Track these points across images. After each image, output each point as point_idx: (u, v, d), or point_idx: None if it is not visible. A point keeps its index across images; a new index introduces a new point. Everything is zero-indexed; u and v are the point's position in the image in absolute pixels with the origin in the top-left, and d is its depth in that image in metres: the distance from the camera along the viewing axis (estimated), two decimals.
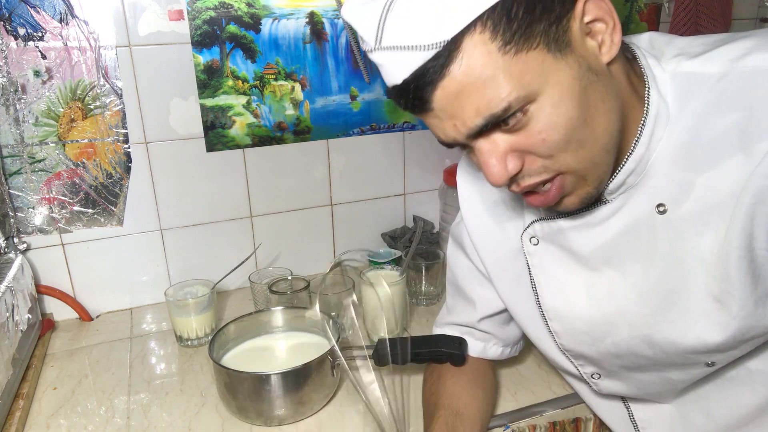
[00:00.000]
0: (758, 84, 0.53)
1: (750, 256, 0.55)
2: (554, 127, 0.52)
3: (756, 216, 0.53)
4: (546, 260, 0.71)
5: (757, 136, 0.52)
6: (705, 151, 0.56)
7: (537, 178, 0.57)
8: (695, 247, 0.58)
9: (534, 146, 0.54)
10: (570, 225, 0.67)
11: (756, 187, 0.52)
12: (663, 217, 0.60)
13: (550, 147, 0.54)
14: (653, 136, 0.59)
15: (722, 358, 0.63)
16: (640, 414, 0.78)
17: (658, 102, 0.59)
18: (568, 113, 0.52)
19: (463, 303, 0.86)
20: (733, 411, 0.69)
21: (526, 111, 0.52)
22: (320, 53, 1.24)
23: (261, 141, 1.25)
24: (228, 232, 1.29)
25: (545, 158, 0.55)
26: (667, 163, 0.59)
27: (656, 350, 0.65)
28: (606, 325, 0.68)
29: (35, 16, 1.04)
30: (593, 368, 0.75)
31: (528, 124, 0.53)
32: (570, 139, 0.53)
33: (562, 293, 0.71)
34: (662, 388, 0.71)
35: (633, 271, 0.64)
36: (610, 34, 0.54)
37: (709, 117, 0.56)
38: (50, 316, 1.20)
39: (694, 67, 0.58)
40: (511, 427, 0.88)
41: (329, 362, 0.88)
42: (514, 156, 0.55)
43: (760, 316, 0.57)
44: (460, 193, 0.81)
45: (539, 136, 0.53)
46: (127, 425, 0.88)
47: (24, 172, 1.11)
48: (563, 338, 0.73)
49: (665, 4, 1.54)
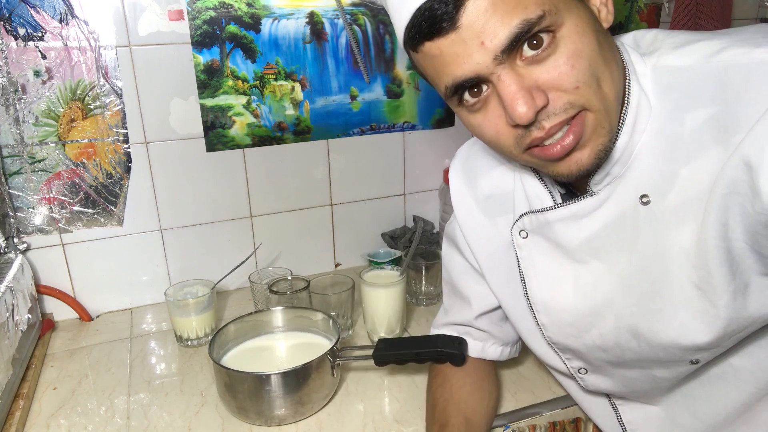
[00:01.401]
0: (732, 79, 0.54)
1: (726, 246, 0.56)
2: (580, 54, 0.53)
3: (729, 207, 0.54)
4: (535, 253, 0.72)
5: (733, 129, 0.53)
6: (686, 144, 0.57)
7: (563, 115, 0.55)
8: (677, 237, 0.59)
9: (561, 76, 0.53)
10: (558, 217, 0.68)
11: (728, 178, 0.53)
12: (646, 208, 0.61)
13: (578, 76, 0.53)
14: (635, 128, 0.60)
15: (706, 356, 0.64)
16: (628, 416, 0.78)
17: (639, 94, 0.60)
18: (591, 43, 0.54)
19: (459, 302, 0.87)
20: (720, 409, 0.69)
21: (554, 34, 0.52)
22: (320, 53, 1.24)
23: (261, 141, 1.25)
24: (228, 232, 1.29)
25: (570, 92, 0.54)
26: (650, 155, 0.60)
27: (641, 342, 0.65)
28: (592, 316, 0.69)
29: (35, 16, 1.04)
30: (580, 362, 0.75)
31: (557, 49, 0.53)
32: (593, 71, 0.54)
33: (549, 285, 0.72)
34: (647, 385, 0.72)
35: (618, 262, 0.65)
36: (605, 3, 0.57)
37: (689, 110, 0.57)
38: (50, 316, 1.20)
39: (671, 60, 0.59)
40: (511, 427, 0.88)
41: (329, 362, 0.88)
42: (540, 92, 0.54)
43: (740, 307, 0.58)
44: (452, 189, 0.82)
45: (568, 63, 0.53)
46: (127, 425, 0.88)
47: (24, 172, 1.11)
48: (550, 331, 0.74)
49: (665, 4, 1.55)
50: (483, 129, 0.59)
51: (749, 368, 0.66)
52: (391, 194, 1.42)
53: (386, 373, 0.98)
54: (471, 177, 0.80)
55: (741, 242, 0.55)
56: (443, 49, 0.54)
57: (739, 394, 0.67)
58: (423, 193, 1.45)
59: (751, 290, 0.58)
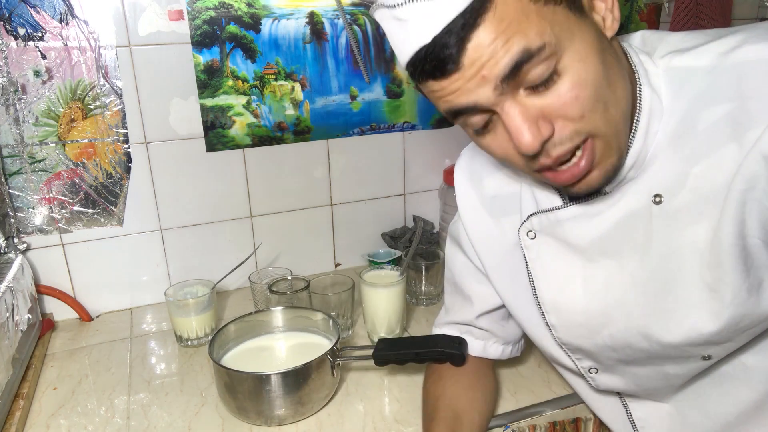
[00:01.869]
0: (748, 74, 0.54)
1: (742, 243, 0.55)
2: (584, 83, 0.52)
3: (747, 203, 0.54)
4: (543, 253, 0.72)
5: (748, 125, 0.53)
6: (699, 142, 0.57)
7: (569, 144, 0.55)
8: (690, 236, 0.59)
9: (565, 106, 0.53)
10: (568, 216, 0.68)
11: (747, 174, 0.53)
12: (659, 208, 0.61)
13: (582, 105, 0.53)
14: (649, 130, 0.60)
15: (718, 351, 0.64)
16: (639, 413, 0.78)
17: (651, 97, 0.60)
18: (595, 68, 0.53)
19: (461, 301, 0.86)
20: (731, 409, 0.69)
21: (556, 66, 0.52)
22: (320, 53, 1.24)
23: (261, 141, 1.25)
24: (228, 232, 1.29)
25: (576, 121, 0.54)
26: (663, 155, 0.60)
27: (652, 342, 0.65)
28: (603, 317, 0.68)
29: (35, 16, 1.04)
30: (590, 362, 0.75)
31: (559, 80, 0.52)
32: (598, 97, 0.53)
33: (559, 286, 0.71)
34: (659, 383, 0.71)
35: (630, 262, 0.65)
36: (611, 10, 0.56)
37: (702, 108, 0.57)
38: (50, 316, 1.20)
39: (685, 61, 0.59)
40: (511, 427, 0.88)
41: (329, 362, 0.88)
42: (545, 122, 0.54)
43: (753, 304, 0.58)
44: (458, 189, 0.82)
45: (571, 93, 0.52)
46: (127, 425, 0.88)
47: (24, 172, 1.11)
48: (560, 331, 0.74)
49: (665, 4, 1.55)
50: (491, 150, 0.60)
51: (762, 367, 0.66)
52: (391, 194, 1.42)
53: (386, 373, 0.98)
54: (476, 177, 0.80)
55: (756, 239, 0.55)
56: (445, 86, 0.54)
57: (751, 394, 0.67)
58: (423, 193, 1.45)
59: (764, 287, 0.58)
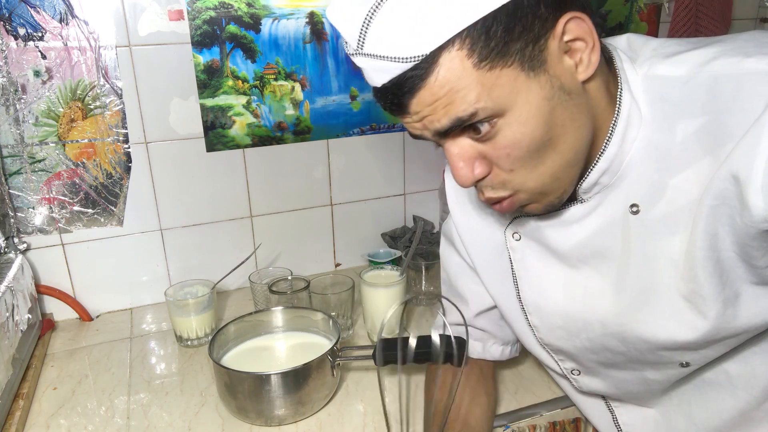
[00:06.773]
0: (722, 89, 0.54)
1: (716, 256, 0.56)
2: (518, 144, 0.54)
3: (718, 218, 0.54)
4: (527, 255, 0.72)
5: (722, 139, 0.53)
6: (677, 154, 0.57)
7: (494, 194, 0.59)
8: (666, 247, 0.59)
9: (498, 159, 0.56)
10: (545, 224, 0.68)
11: (716, 189, 0.53)
12: (636, 218, 0.61)
13: (513, 162, 0.56)
14: (626, 137, 0.60)
15: (696, 358, 0.64)
16: (624, 418, 0.79)
17: (630, 103, 0.59)
18: (533, 133, 0.54)
19: (458, 302, 0.86)
20: (715, 415, 0.69)
21: (494, 124, 0.54)
22: (320, 53, 1.24)
23: (261, 141, 1.25)
24: (228, 232, 1.29)
25: (507, 173, 0.57)
26: (641, 165, 0.60)
27: (629, 347, 0.66)
28: (581, 321, 0.69)
29: (35, 16, 1.04)
30: (572, 364, 0.76)
31: (495, 136, 0.55)
32: (532, 156, 0.55)
33: (540, 288, 0.72)
34: (640, 388, 0.72)
35: (608, 270, 0.65)
36: (589, 53, 0.55)
37: (680, 120, 0.57)
38: (50, 316, 1.20)
39: (664, 70, 0.59)
40: (511, 427, 0.88)
41: (329, 362, 0.88)
42: (483, 162, 0.57)
43: (731, 316, 0.58)
44: (448, 189, 0.82)
45: (504, 150, 0.55)
46: (127, 425, 0.88)
47: (24, 172, 1.11)
48: (542, 332, 0.75)
49: (665, 4, 1.54)
50: None
51: (744, 375, 0.66)
52: (391, 194, 1.42)
53: (386, 373, 0.98)
54: None
55: (731, 252, 0.55)
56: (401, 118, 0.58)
57: (735, 402, 0.67)
58: (423, 193, 1.45)
59: (742, 299, 0.58)
